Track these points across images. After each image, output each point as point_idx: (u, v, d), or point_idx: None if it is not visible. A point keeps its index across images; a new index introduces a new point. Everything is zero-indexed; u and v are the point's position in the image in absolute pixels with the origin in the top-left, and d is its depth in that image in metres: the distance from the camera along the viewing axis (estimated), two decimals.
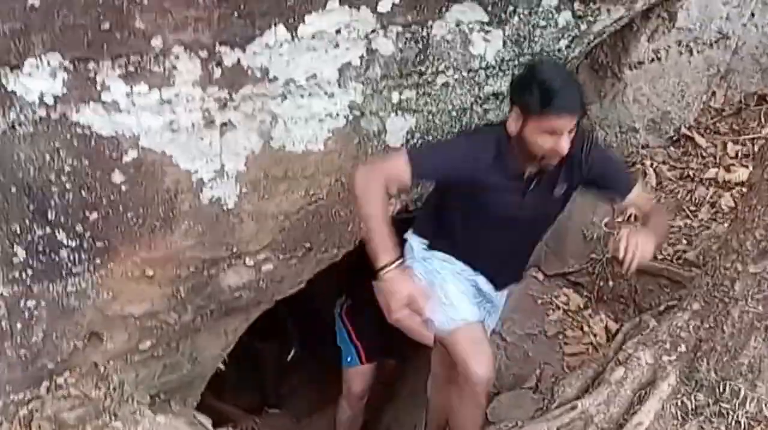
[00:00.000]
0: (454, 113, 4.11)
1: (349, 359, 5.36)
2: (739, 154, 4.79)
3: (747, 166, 4.58)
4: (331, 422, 5.57)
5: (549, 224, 3.89)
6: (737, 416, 3.55)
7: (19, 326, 3.70)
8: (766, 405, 3.52)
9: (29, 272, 3.62)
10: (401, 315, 3.32)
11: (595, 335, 4.44)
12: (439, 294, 3.58)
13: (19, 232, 3.51)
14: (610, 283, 4.53)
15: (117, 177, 3.55)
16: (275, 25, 3.51)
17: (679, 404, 3.68)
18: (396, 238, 4.54)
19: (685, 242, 4.44)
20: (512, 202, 3.50)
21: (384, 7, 3.69)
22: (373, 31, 3.71)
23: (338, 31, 3.63)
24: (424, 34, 3.83)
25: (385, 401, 5.85)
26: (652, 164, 4.83)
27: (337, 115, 3.83)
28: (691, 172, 4.77)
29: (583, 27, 4.18)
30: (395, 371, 5.78)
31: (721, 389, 3.61)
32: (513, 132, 3.36)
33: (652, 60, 4.87)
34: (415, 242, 3.79)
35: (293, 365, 6.35)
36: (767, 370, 3.58)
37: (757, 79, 5.16)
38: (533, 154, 3.36)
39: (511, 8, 3.99)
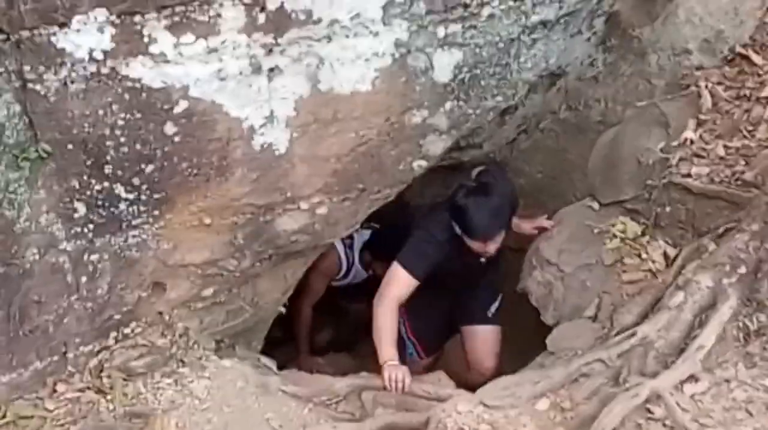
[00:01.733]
0: (501, 45, 4.06)
1: (409, 352, 5.23)
2: None
3: None
4: None
5: None
6: None
7: (84, 279, 3.80)
8: None
9: (90, 226, 3.71)
10: None
11: (653, 262, 4.39)
12: None
13: (78, 187, 3.59)
14: (668, 208, 4.47)
15: (169, 128, 3.59)
16: None
17: (741, 325, 3.67)
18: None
19: (743, 162, 4.35)
20: None
21: None
22: None
23: None
24: None
25: None
26: (707, 86, 4.72)
27: (383, 53, 3.81)
28: (747, 92, 4.65)
29: None
30: None
31: None
32: None
33: None
34: None
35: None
36: None
37: None
38: None
39: None
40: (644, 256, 4.46)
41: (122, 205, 3.72)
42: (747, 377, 3.54)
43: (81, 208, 3.64)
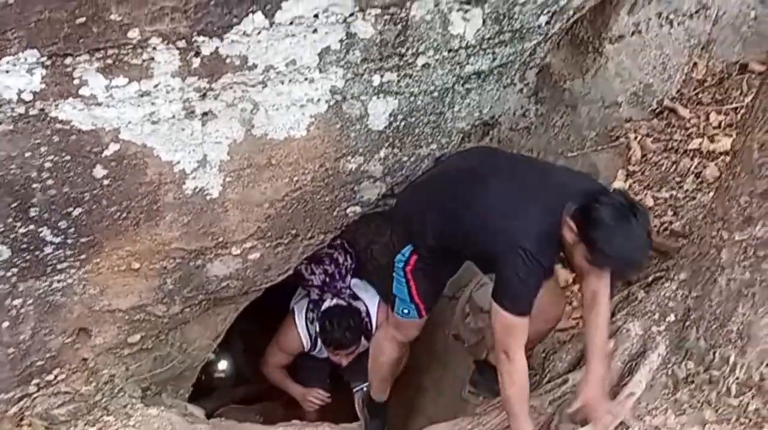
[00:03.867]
0: (435, 94, 4.10)
1: (406, 312, 4.42)
2: (723, 123, 4.80)
3: (730, 136, 4.59)
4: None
5: None
6: (728, 383, 3.57)
7: (6, 324, 3.69)
8: (756, 371, 3.54)
9: (14, 270, 3.61)
10: None
11: None
12: None
13: (2, 229, 3.49)
14: None
15: (99, 171, 3.53)
16: (252, 12, 3.47)
17: (670, 373, 3.71)
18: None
19: (671, 213, 4.45)
20: None
21: None
22: (351, 15, 3.67)
23: (316, 16, 3.60)
24: (403, 15, 3.80)
25: None
26: (635, 137, 4.84)
27: (319, 100, 3.81)
28: (675, 144, 4.77)
29: (563, 2, 4.15)
30: None
31: (711, 357, 3.64)
32: None
33: (633, 33, 4.87)
34: None
35: None
36: (756, 336, 3.61)
37: (738, 49, 5.16)
38: None
39: None
40: (575, 303, 4.51)
41: (48, 249, 3.62)
42: (676, 425, 3.57)
43: (5, 252, 3.54)
